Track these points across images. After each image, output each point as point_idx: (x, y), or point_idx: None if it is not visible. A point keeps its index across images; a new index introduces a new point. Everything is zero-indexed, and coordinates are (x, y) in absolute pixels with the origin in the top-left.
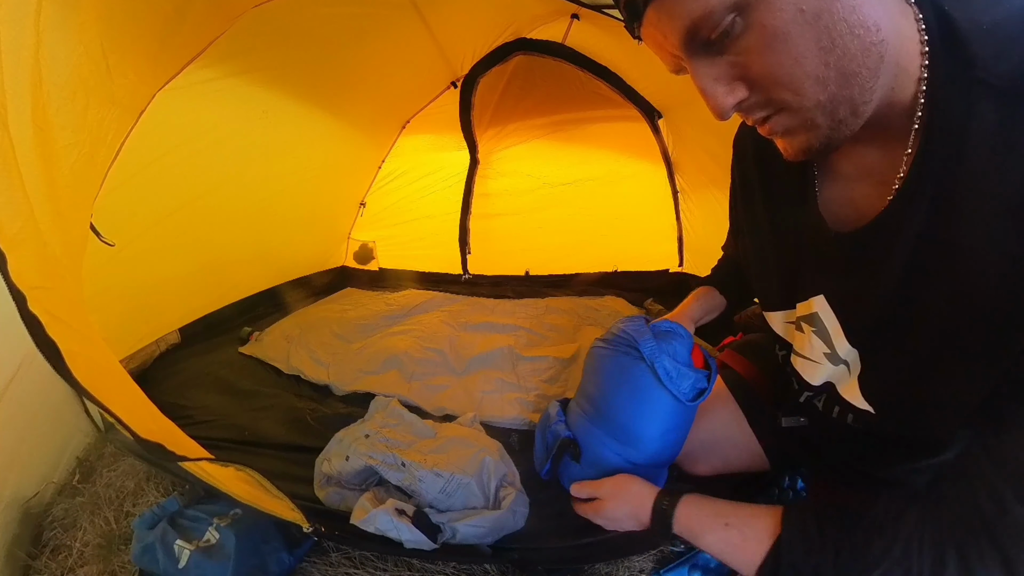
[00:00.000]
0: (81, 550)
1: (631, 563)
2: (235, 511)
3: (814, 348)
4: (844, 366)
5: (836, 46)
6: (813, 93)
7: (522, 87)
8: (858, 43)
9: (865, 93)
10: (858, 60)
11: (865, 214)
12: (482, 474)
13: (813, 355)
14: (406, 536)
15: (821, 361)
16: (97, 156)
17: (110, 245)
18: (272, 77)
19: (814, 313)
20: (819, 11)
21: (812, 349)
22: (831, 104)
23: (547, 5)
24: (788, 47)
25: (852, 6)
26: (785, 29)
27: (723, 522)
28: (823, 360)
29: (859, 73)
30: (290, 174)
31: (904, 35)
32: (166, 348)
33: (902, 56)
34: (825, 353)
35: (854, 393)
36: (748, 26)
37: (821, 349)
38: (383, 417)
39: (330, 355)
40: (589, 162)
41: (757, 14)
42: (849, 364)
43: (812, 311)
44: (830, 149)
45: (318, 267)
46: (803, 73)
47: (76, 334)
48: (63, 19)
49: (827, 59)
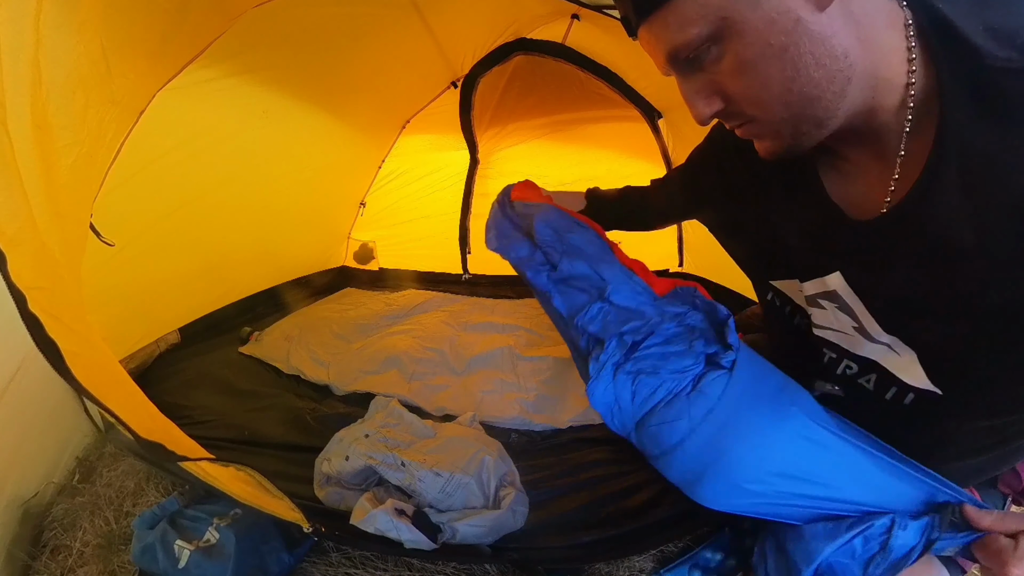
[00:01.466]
0: (81, 550)
1: (631, 563)
2: (235, 511)
3: (840, 321)
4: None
5: (800, 75)
6: (778, 112)
7: (522, 87)
8: (823, 72)
9: (829, 111)
10: (822, 86)
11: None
12: (482, 474)
13: (841, 327)
14: (406, 536)
15: (851, 333)
16: (97, 156)
17: (110, 245)
18: (272, 77)
19: (832, 291)
20: (786, 45)
21: (840, 323)
22: (794, 120)
23: (547, 5)
24: (756, 74)
25: (820, 39)
26: (754, 60)
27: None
28: (854, 333)
29: (822, 97)
30: (290, 174)
31: (887, 48)
32: (166, 348)
33: (882, 69)
34: (854, 327)
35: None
36: (723, 53)
37: (849, 324)
38: (383, 417)
39: (330, 355)
40: (589, 162)
41: (730, 44)
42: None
43: (829, 288)
44: (798, 153)
45: (318, 267)
46: (769, 96)
47: (75, 335)
48: (63, 19)
49: (791, 86)
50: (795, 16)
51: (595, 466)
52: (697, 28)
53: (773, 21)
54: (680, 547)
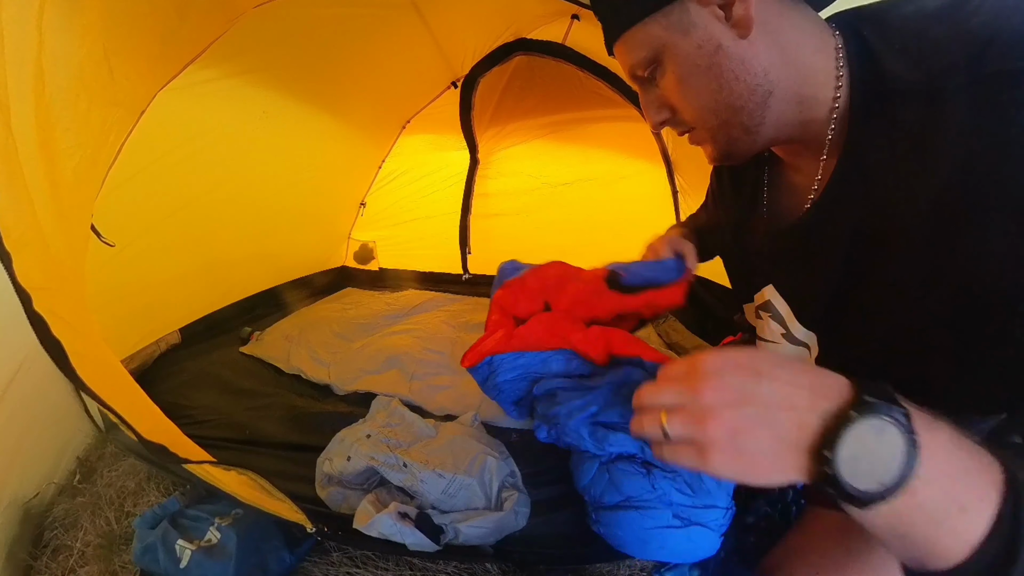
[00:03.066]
0: (82, 550)
1: (631, 562)
2: (236, 511)
3: (772, 331)
4: (804, 348)
5: (723, 88)
6: (708, 119)
7: (522, 87)
8: (743, 86)
9: (754, 119)
10: (744, 97)
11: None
12: (484, 475)
13: (773, 337)
14: (409, 539)
15: (779, 341)
16: (99, 157)
17: (110, 245)
18: (272, 77)
19: (767, 300)
20: (709, 64)
21: (771, 332)
22: (724, 127)
23: (547, 5)
24: (688, 88)
25: (740, 59)
26: (686, 77)
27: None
28: (781, 340)
29: (744, 107)
30: (290, 174)
31: (815, 69)
32: (167, 348)
33: (808, 87)
34: (783, 334)
35: None
36: (664, 72)
37: (779, 331)
38: (385, 417)
39: (331, 354)
40: (589, 162)
41: (668, 64)
42: (809, 346)
43: (766, 299)
44: (735, 158)
45: (318, 267)
46: (700, 105)
47: (79, 334)
48: (66, 22)
49: (717, 97)
50: (717, 43)
51: None
52: (644, 52)
53: (699, 47)
54: None
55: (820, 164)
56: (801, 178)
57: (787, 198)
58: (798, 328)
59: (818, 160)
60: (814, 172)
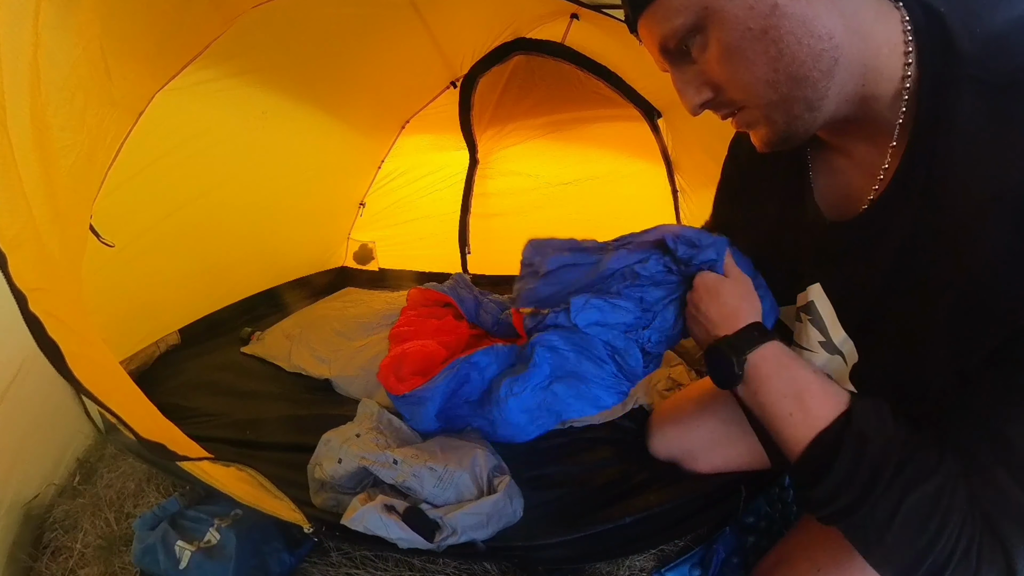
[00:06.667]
0: (82, 551)
1: (632, 562)
2: (236, 511)
3: (810, 338)
4: (840, 356)
5: (784, 55)
6: (765, 94)
7: (522, 87)
8: (807, 51)
9: (818, 92)
10: (808, 65)
11: (858, 205)
12: (474, 467)
13: (810, 344)
14: (396, 534)
15: (816, 350)
16: (96, 157)
17: (109, 246)
18: (271, 78)
19: (810, 302)
20: (766, 27)
21: (809, 339)
22: (784, 103)
23: (546, 5)
24: (740, 58)
25: (801, 19)
26: (737, 44)
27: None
28: (819, 349)
29: (809, 76)
30: (289, 174)
31: (879, 39)
32: (166, 349)
33: (871, 58)
34: (820, 342)
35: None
36: (707, 42)
37: (817, 338)
38: (372, 420)
39: (331, 352)
40: (589, 162)
41: (713, 32)
42: (844, 354)
43: (808, 300)
44: (793, 141)
45: (318, 267)
46: (754, 78)
47: (76, 336)
48: (62, 20)
49: (776, 66)
50: (772, 2)
51: (596, 466)
52: (682, 18)
53: (751, 7)
54: (680, 547)
55: (888, 150)
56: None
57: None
58: (839, 334)
59: (880, 145)
60: (874, 158)
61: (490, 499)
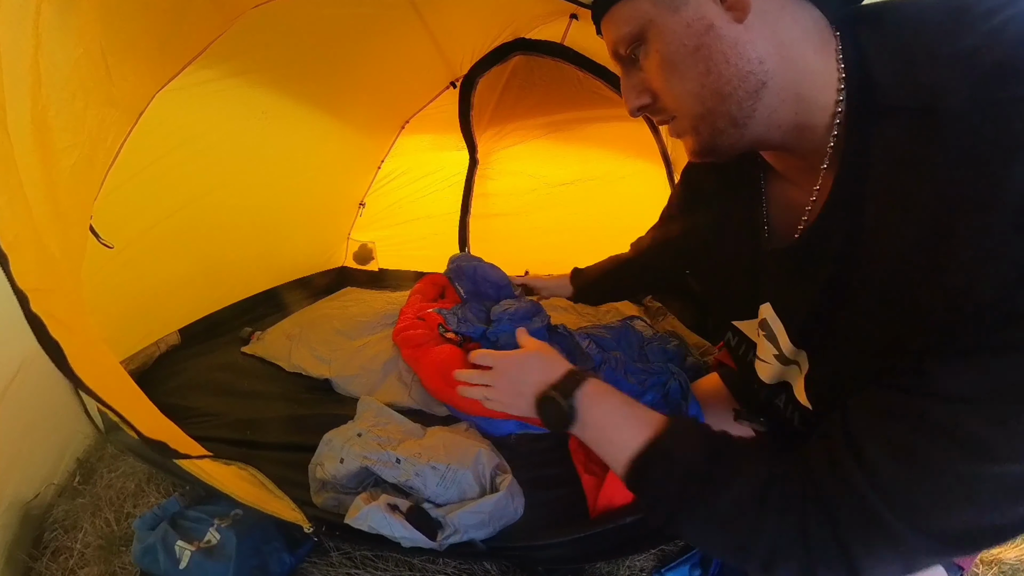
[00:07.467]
0: (82, 551)
1: (632, 562)
2: (236, 512)
3: (767, 351)
4: (795, 366)
5: (711, 72)
6: (693, 106)
7: (521, 87)
8: (734, 71)
9: (744, 110)
10: (733, 83)
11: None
12: (477, 465)
13: (767, 357)
14: (399, 533)
15: (771, 362)
16: (96, 158)
17: (109, 247)
18: (271, 78)
19: (764, 319)
20: (699, 45)
21: (766, 351)
22: (709, 116)
23: (546, 5)
24: (673, 70)
25: (733, 42)
26: (672, 57)
27: (622, 404)
28: (773, 361)
29: (734, 94)
30: (289, 174)
31: (813, 70)
32: (166, 349)
33: (806, 88)
34: (775, 354)
35: (800, 392)
36: (649, 52)
37: (772, 351)
38: (373, 416)
39: (331, 351)
40: (589, 162)
41: (654, 44)
42: (799, 364)
43: (763, 316)
44: (718, 154)
45: (318, 267)
46: (684, 90)
47: (76, 336)
48: (62, 21)
49: (704, 81)
50: (708, 23)
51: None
52: (629, 27)
53: (688, 25)
54: (680, 546)
55: (819, 177)
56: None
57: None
58: (788, 347)
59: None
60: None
61: (492, 498)
